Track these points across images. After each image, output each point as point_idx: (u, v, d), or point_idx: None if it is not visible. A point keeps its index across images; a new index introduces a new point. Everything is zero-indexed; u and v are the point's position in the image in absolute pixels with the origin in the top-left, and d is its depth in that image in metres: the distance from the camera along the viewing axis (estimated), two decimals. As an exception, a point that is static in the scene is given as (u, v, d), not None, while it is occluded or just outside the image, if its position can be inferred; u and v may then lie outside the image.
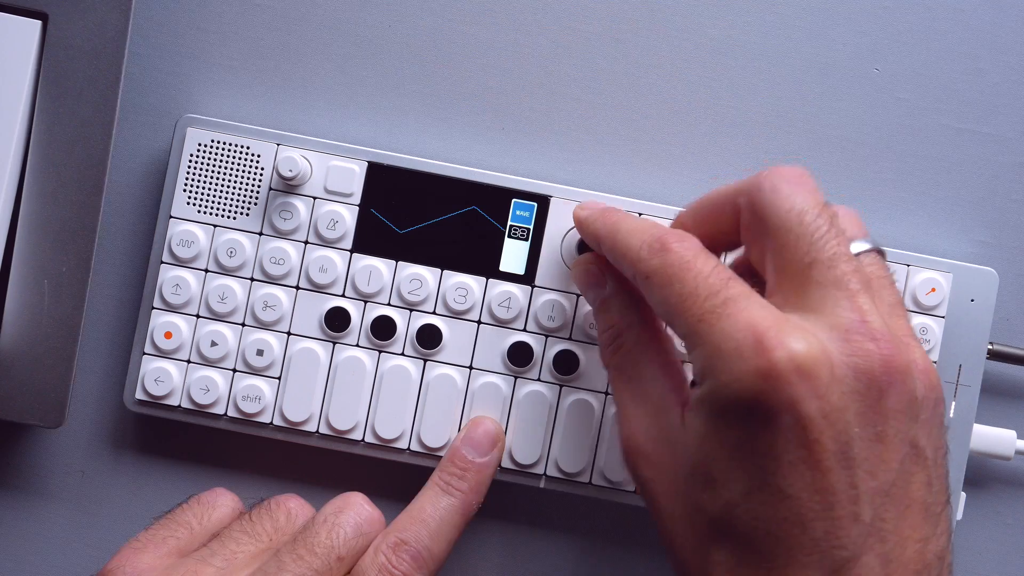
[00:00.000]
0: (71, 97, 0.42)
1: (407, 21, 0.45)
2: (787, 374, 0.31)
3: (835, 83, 0.46)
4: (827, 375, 0.31)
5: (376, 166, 0.43)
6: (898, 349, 0.32)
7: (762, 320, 0.32)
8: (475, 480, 0.40)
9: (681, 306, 0.34)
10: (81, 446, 0.45)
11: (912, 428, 0.33)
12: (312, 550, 0.36)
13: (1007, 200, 0.46)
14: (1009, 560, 0.46)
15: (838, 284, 0.33)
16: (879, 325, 0.33)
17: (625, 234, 0.37)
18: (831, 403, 0.31)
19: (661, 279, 0.35)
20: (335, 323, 0.43)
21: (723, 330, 0.32)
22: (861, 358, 0.32)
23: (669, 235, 0.35)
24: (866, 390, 0.32)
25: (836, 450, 0.31)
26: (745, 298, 0.33)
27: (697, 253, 0.35)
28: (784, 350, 0.31)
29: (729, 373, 0.32)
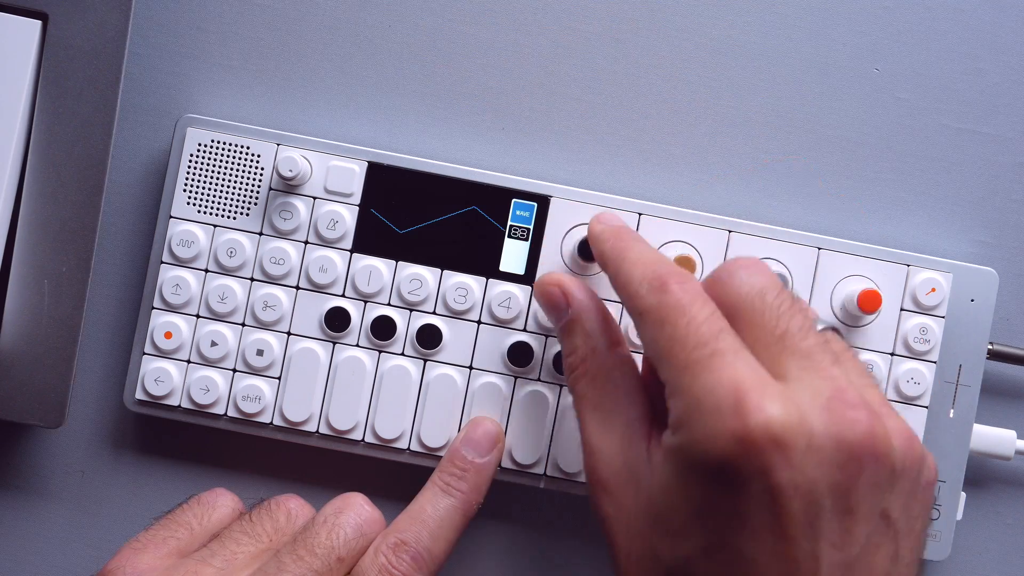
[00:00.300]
0: (71, 97, 0.42)
1: (407, 21, 0.45)
2: (762, 441, 0.30)
3: (835, 83, 0.46)
4: (803, 445, 0.31)
5: (376, 166, 0.43)
6: (877, 419, 0.32)
7: (746, 380, 0.31)
8: (475, 480, 0.40)
9: (669, 351, 0.33)
10: (81, 446, 0.45)
11: (886, 499, 0.32)
12: (312, 551, 0.36)
13: (1007, 200, 0.46)
14: (1009, 560, 0.46)
15: (811, 355, 0.33)
16: (856, 395, 0.32)
17: (629, 264, 0.36)
18: (805, 474, 0.31)
19: (655, 319, 0.34)
20: (335, 323, 0.43)
21: (705, 384, 0.32)
22: (843, 427, 0.31)
23: (671, 274, 0.35)
24: (845, 461, 0.31)
25: (804, 520, 0.31)
26: (733, 353, 0.32)
27: (695, 298, 0.34)
28: (762, 415, 0.31)
29: (705, 430, 0.31)
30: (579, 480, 0.43)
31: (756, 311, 0.34)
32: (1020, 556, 0.46)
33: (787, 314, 0.34)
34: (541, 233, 0.43)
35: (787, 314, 0.34)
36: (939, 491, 0.44)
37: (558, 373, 0.43)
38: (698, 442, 0.31)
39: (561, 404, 0.43)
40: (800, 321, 0.34)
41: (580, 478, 0.43)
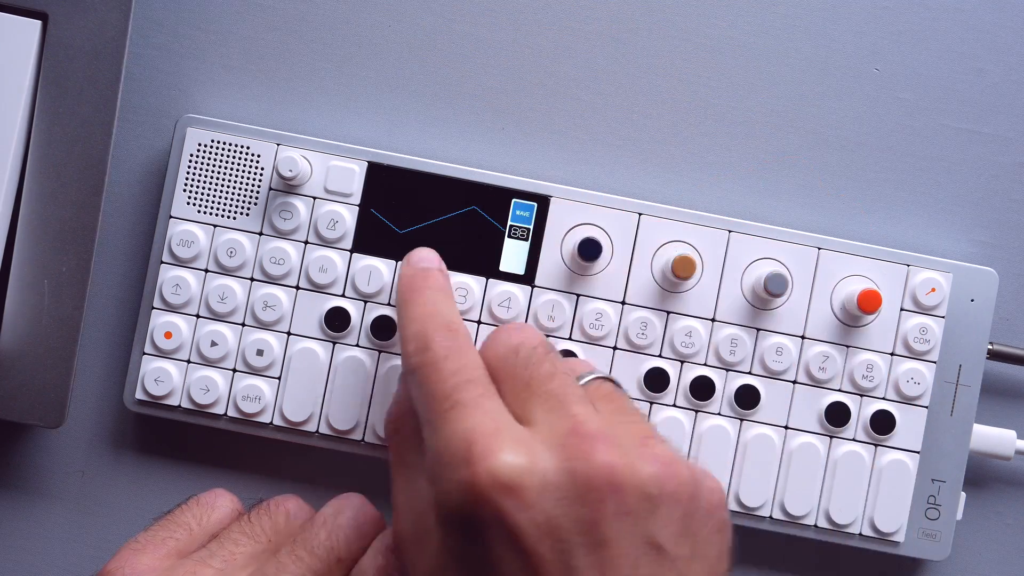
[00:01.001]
0: (71, 97, 0.42)
1: (407, 21, 0.45)
2: (489, 488, 0.30)
3: (835, 83, 0.46)
4: (537, 484, 0.30)
5: (376, 166, 0.43)
6: (620, 450, 0.31)
7: (477, 429, 0.31)
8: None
9: (423, 408, 0.34)
10: (81, 446, 0.45)
11: (647, 527, 0.31)
12: (311, 551, 0.36)
13: (1007, 200, 0.46)
14: (1009, 560, 0.46)
15: (554, 396, 0.33)
16: (596, 428, 0.32)
17: (407, 320, 0.37)
18: (544, 512, 0.30)
19: (416, 379, 0.35)
20: (335, 323, 0.43)
21: (444, 436, 0.32)
22: (577, 461, 0.31)
23: (437, 330, 0.35)
24: (584, 494, 0.31)
25: (555, 559, 0.30)
26: (473, 403, 0.32)
27: (449, 353, 0.34)
28: (487, 463, 0.30)
29: (443, 482, 0.31)
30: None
31: (508, 363, 0.35)
32: (1020, 556, 0.46)
33: (536, 363, 0.34)
34: (541, 233, 0.43)
35: (536, 363, 0.34)
36: (939, 491, 0.44)
37: (558, 373, 0.43)
38: (441, 495, 0.32)
39: (561, 404, 0.43)
40: (548, 368, 0.34)
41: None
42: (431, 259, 0.40)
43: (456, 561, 0.32)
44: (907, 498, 0.43)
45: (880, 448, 0.44)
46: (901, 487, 0.43)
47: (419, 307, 0.37)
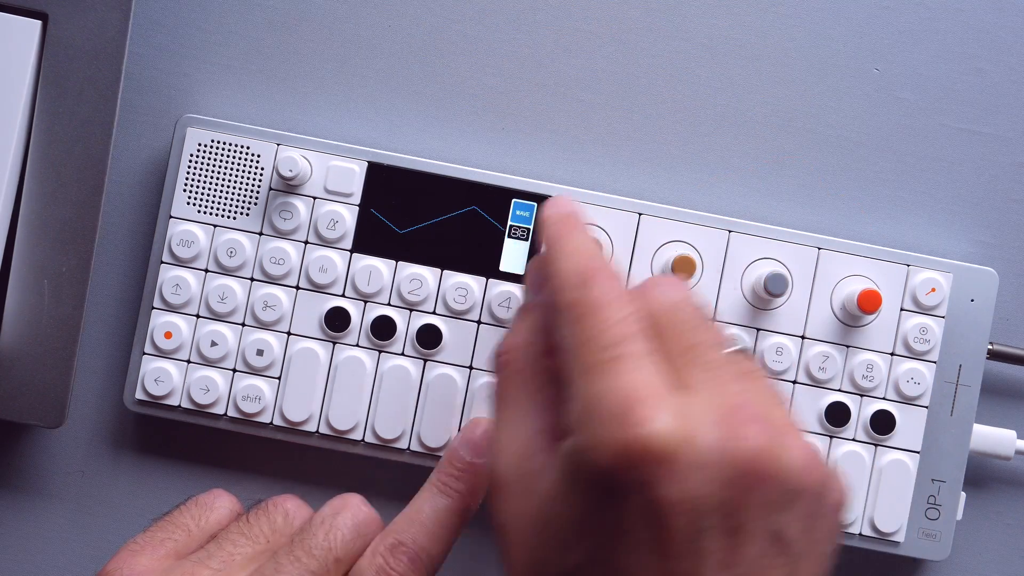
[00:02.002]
0: (71, 97, 0.42)
1: (407, 21, 0.45)
2: (646, 454, 0.29)
3: (835, 83, 0.46)
4: (692, 459, 0.30)
5: (376, 166, 0.43)
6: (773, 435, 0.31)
7: (639, 389, 0.30)
8: (473, 481, 0.40)
9: (577, 351, 0.32)
10: (81, 446, 0.45)
11: (779, 520, 0.31)
12: (310, 552, 0.36)
13: (1007, 200, 0.46)
14: (1009, 560, 0.46)
15: (715, 368, 0.32)
16: (754, 409, 0.31)
17: (561, 255, 0.35)
18: (691, 489, 0.30)
19: (572, 315, 0.33)
20: (335, 323, 0.43)
21: (600, 390, 0.31)
22: (735, 442, 0.30)
23: (599, 271, 0.34)
24: (736, 478, 0.30)
25: (687, 538, 0.30)
26: (635, 360, 0.31)
27: (613, 299, 0.33)
28: (647, 427, 0.30)
29: (591, 439, 0.30)
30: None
31: (668, 322, 0.33)
32: (1020, 556, 0.46)
33: (700, 329, 0.33)
34: (541, 233, 0.43)
35: (700, 329, 0.33)
36: (939, 491, 0.44)
37: (558, 373, 0.43)
38: (585, 449, 0.30)
39: (561, 404, 0.43)
40: (710, 337, 0.33)
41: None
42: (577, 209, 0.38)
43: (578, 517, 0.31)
44: (907, 498, 0.43)
45: (880, 448, 0.43)
46: (901, 487, 0.43)
47: (577, 244, 0.36)
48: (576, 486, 0.31)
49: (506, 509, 0.34)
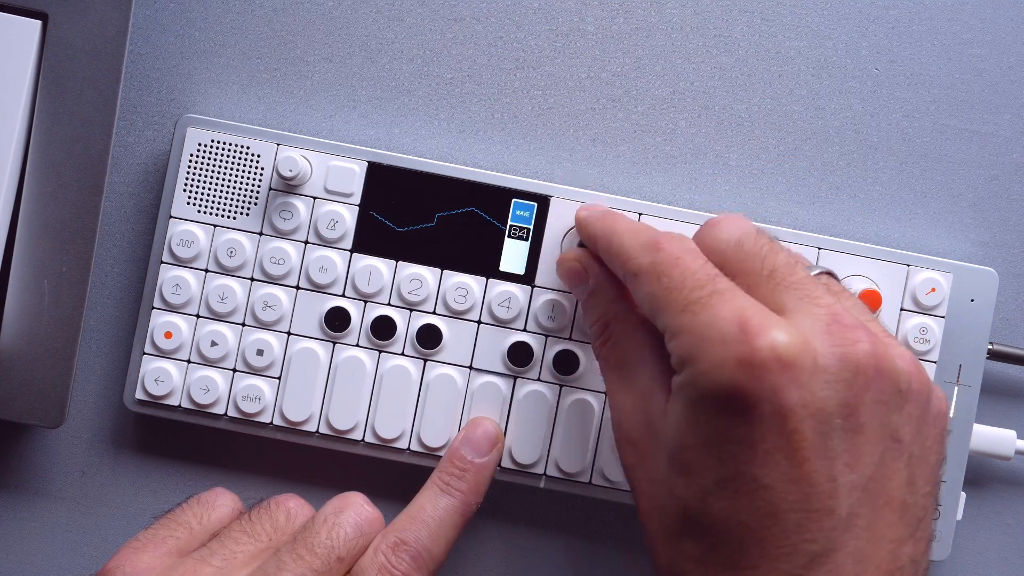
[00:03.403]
0: (71, 97, 0.42)
1: (407, 21, 0.45)
2: (769, 362, 0.31)
3: (835, 83, 0.46)
4: (810, 364, 0.31)
5: (376, 166, 0.43)
6: (877, 339, 0.33)
7: (747, 308, 0.32)
8: (474, 480, 0.40)
9: (667, 298, 0.34)
10: (81, 446, 0.45)
11: (894, 419, 0.32)
12: (312, 550, 0.36)
13: (1007, 200, 0.46)
14: (1009, 560, 0.46)
15: (803, 286, 0.34)
16: (853, 318, 0.33)
17: (620, 235, 0.37)
18: (813, 393, 0.31)
19: (651, 275, 0.35)
20: (335, 323, 0.43)
21: (708, 318, 0.32)
22: (845, 347, 0.32)
23: (662, 235, 0.36)
24: (851, 378, 0.32)
25: (815, 441, 0.31)
26: (731, 290, 0.33)
27: (687, 251, 0.35)
28: (767, 338, 0.31)
29: (710, 360, 0.32)
30: (579, 480, 0.43)
31: (739, 259, 0.35)
32: (1020, 556, 0.46)
33: (771, 254, 0.35)
34: (541, 233, 0.43)
35: (771, 254, 0.35)
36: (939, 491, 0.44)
37: (558, 373, 0.43)
38: (705, 372, 0.32)
39: (561, 404, 0.43)
40: (785, 258, 0.35)
41: (580, 478, 0.43)
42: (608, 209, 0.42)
43: (706, 439, 0.32)
44: (907, 498, 0.43)
45: (880, 448, 0.43)
46: (901, 487, 0.43)
47: (629, 223, 0.38)
48: (701, 410, 0.32)
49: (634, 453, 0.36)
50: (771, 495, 0.31)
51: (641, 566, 0.45)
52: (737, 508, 0.31)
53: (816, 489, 0.31)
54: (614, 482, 0.43)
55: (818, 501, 0.31)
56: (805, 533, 0.31)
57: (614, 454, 0.42)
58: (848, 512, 0.31)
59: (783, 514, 0.31)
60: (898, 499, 0.32)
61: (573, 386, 0.43)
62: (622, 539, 0.45)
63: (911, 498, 0.32)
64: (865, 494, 0.31)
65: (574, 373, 0.43)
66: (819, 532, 0.31)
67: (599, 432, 0.43)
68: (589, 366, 0.43)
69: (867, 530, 0.31)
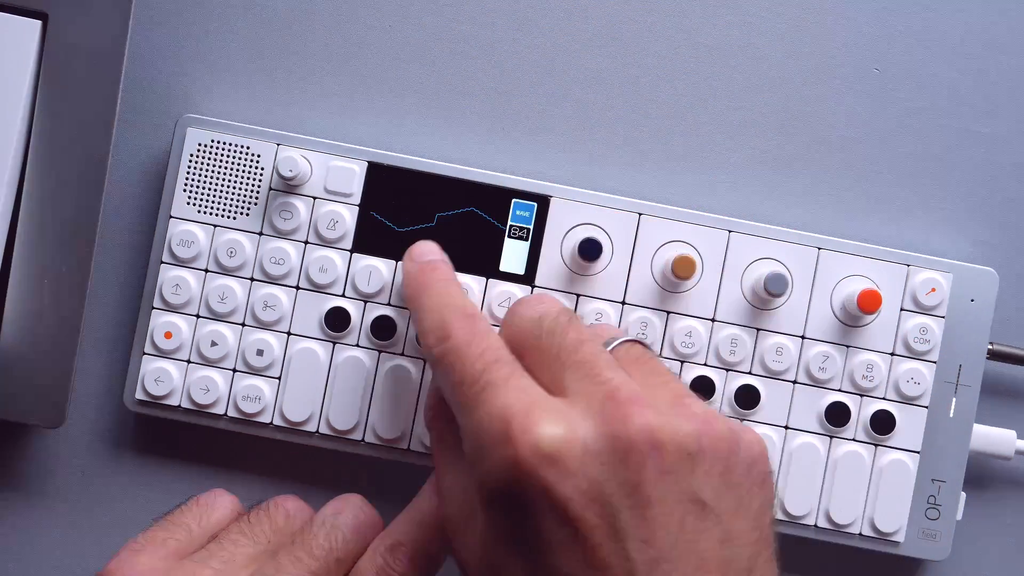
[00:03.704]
0: (71, 97, 0.42)
1: (407, 21, 0.45)
2: (532, 461, 0.30)
3: (835, 83, 0.46)
4: (579, 452, 0.31)
5: (376, 166, 0.43)
6: (656, 411, 0.32)
7: (512, 405, 0.32)
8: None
9: (452, 396, 0.34)
10: (81, 446, 0.45)
11: (688, 484, 0.31)
12: (310, 552, 0.36)
13: (1007, 200, 0.46)
14: (1009, 560, 0.46)
15: (585, 364, 0.33)
16: (631, 391, 0.32)
17: (422, 312, 0.37)
18: (588, 478, 0.31)
19: (441, 368, 0.35)
20: (335, 323, 0.43)
21: (479, 418, 0.32)
22: (616, 426, 0.31)
23: (455, 318, 0.35)
24: (626, 456, 0.31)
25: (601, 524, 0.31)
26: (504, 382, 0.33)
27: (471, 338, 0.34)
28: (528, 437, 0.31)
29: (484, 464, 0.32)
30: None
31: (534, 337, 0.35)
32: (1020, 556, 0.46)
33: (561, 333, 0.34)
34: (541, 233, 0.43)
35: (561, 333, 0.34)
36: (939, 491, 0.44)
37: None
38: (483, 476, 0.32)
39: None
40: (574, 336, 0.34)
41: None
42: (434, 251, 0.41)
43: (504, 539, 0.32)
44: (907, 498, 0.43)
45: (880, 448, 0.44)
46: (901, 487, 0.43)
47: (432, 299, 0.38)
48: (491, 512, 0.32)
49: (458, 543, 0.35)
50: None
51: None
52: None
53: (615, 572, 0.30)
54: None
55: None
56: None
57: None
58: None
59: None
60: (715, 559, 0.31)
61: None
62: (622, 539, 0.45)
63: (731, 552, 0.32)
64: (670, 565, 0.31)
65: (574, 373, 0.43)
66: None
67: (599, 432, 0.43)
68: (589, 366, 0.43)
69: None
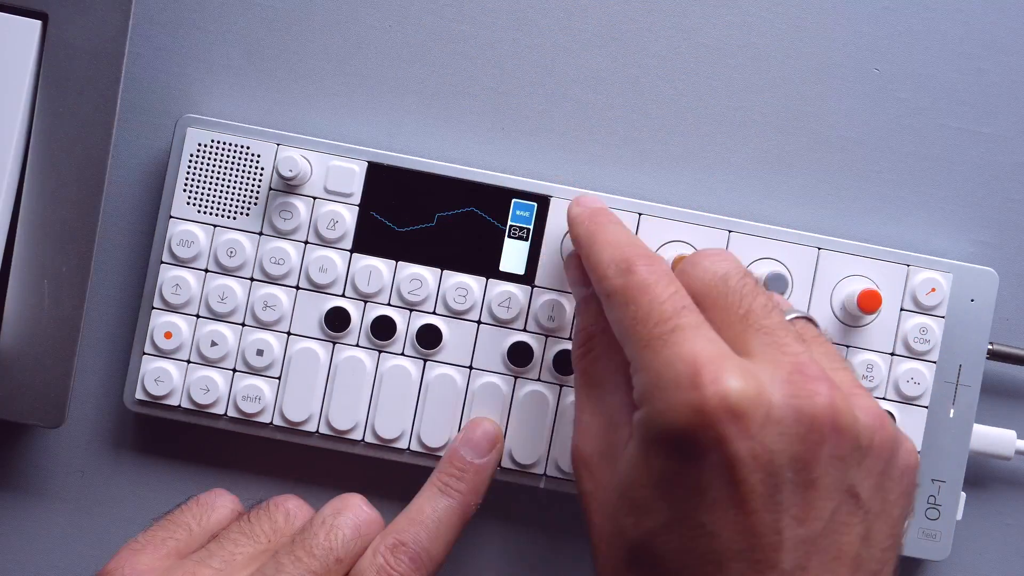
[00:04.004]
0: (71, 97, 0.42)
1: (407, 21, 0.45)
2: (718, 412, 0.30)
3: (835, 83, 0.46)
4: (762, 416, 0.31)
5: (376, 166, 0.43)
6: (840, 393, 0.32)
7: (704, 353, 0.32)
8: (473, 481, 0.40)
9: (632, 329, 0.34)
10: (81, 446, 0.45)
11: (851, 475, 0.32)
12: (310, 551, 0.36)
13: (1007, 200, 0.46)
14: (1009, 560, 0.46)
15: (774, 332, 0.33)
16: (818, 369, 0.32)
17: (599, 246, 0.37)
18: (763, 445, 0.31)
19: (620, 299, 0.35)
20: (335, 323, 0.43)
21: (665, 358, 0.32)
22: (803, 399, 0.31)
23: (639, 256, 0.35)
24: (806, 432, 0.31)
25: (764, 492, 0.31)
26: (694, 329, 0.33)
27: (659, 278, 0.34)
28: (719, 386, 0.31)
29: (664, 402, 0.31)
30: (579, 480, 0.43)
31: (720, 294, 0.34)
32: (1020, 556, 0.46)
33: (750, 295, 0.34)
34: (541, 233, 0.43)
35: (750, 295, 0.34)
36: (939, 491, 0.44)
37: (558, 373, 0.43)
38: (658, 414, 0.32)
39: (561, 404, 0.43)
40: (763, 301, 0.34)
41: (580, 478, 0.43)
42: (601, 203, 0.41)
43: (656, 481, 0.32)
44: (907, 498, 0.43)
45: (880, 448, 0.43)
46: (901, 487, 0.43)
47: (611, 235, 0.38)
48: (653, 451, 0.32)
49: (591, 480, 0.35)
50: (716, 543, 0.31)
51: (641, 566, 0.45)
52: (682, 552, 0.31)
53: (762, 541, 0.31)
54: (614, 482, 0.43)
55: (763, 553, 0.31)
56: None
57: None
58: (794, 566, 0.31)
59: (727, 562, 0.31)
60: (851, 554, 0.32)
61: (573, 386, 0.43)
62: (622, 539, 0.45)
63: (866, 552, 0.32)
64: (814, 548, 0.31)
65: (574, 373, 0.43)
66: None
67: (599, 432, 0.43)
68: (589, 366, 0.43)
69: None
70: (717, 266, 0.35)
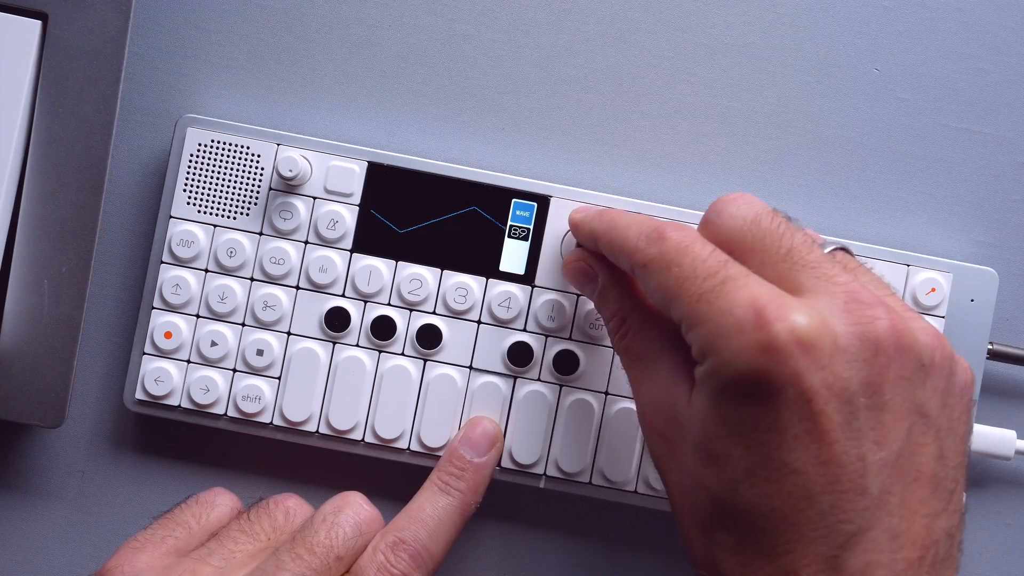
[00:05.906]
0: (71, 97, 0.42)
1: (407, 21, 0.45)
2: (788, 346, 0.31)
3: (835, 83, 0.46)
4: (830, 345, 0.31)
5: (376, 166, 0.43)
6: (896, 315, 0.32)
7: (762, 295, 0.32)
8: (473, 480, 0.40)
9: (679, 288, 0.34)
10: (81, 446, 0.45)
11: (919, 394, 0.32)
12: (311, 549, 0.36)
13: (1007, 200, 0.46)
14: (1009, 560, 0.46)
15: (820, 265, 0.33)
16: (871, 295, 0.33)
17: (622, 229, 0.37)
18: (835, 373, 0.31)
19: (659, 265, 0.35)
20: (335, 323, 0.43)
21: (723, 307, 0.32)
22: (864, 325, 0.32)
23: (665, 224, 0.36)
24: (872, 356, 0.31)
25: (841, 421, 0.31)
26: (744, 276, 0.33)
27: (695, 239, 0.35)
28: (785, 322, 0.31)
29: (729, 349, 0.32)
30: (579, 480, 0.43)
31: (755, 238, 0.35)
32: (1020, 556, 0.46)
33: (788, 234, 0.34)
34: (541, 233, 0.43)
35: (788, 234, 0.34)
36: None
37: (558, 373, 0.43)
38: (726, 362, 0.32)
39: (561, 404, 0.43)
40: (802, 237, 0.34)
41: (580, 478, 0.43)
42: None
43: (732, 428, 0.32)
44: (907, 498, 0.43)
45: (880, 448, 0.43)
46: (901, 487, 0.43)
47: (629, 217, 0.38)
48: (724, 400, 0.32)
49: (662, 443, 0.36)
50: (802, 479, 0.31)
51: (641, 565, 0.45)
52: (769, 494, 0.31)
53: (846, 470, 0.31)
54: (614, 482, 0.43)
55: (849, 481, 0.31)
56: (839, 514, 0.31)
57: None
58: (880, 490, 0.31)
59: (816, 497, 0.31)
60: (928, 473, 0.32)
61: (573, 386, 0.43)
62: (622, 539, 0.45)
63: (941, 471, 0.32)
64: (895, 471, 0.31)
65: (574, 373, 0.43)
66: (853, 512, 0.31)
67: (599, 432, 0.43)
68: (589, 366, 0.43)
69: (900, 507, 0.31)
70: (743, 211, 0.35)
